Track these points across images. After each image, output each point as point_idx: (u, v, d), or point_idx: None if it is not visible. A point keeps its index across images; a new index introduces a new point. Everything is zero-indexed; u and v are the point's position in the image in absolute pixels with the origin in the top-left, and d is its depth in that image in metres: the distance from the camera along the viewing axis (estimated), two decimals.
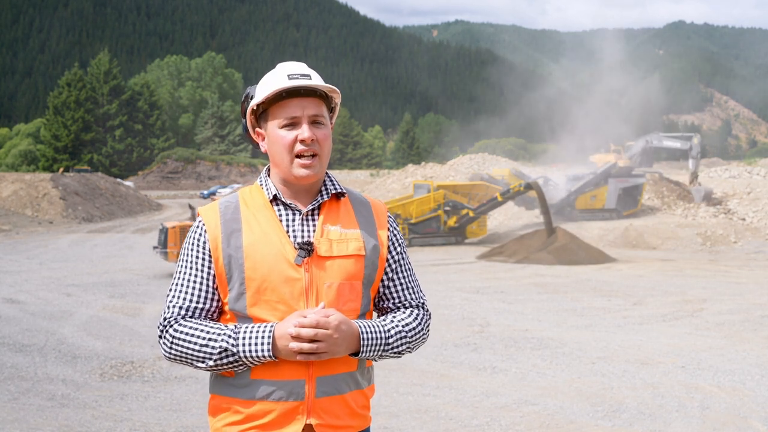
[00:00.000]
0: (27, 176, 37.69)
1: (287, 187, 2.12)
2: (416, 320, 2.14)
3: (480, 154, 40.06)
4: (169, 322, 2.03)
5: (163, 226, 15.96)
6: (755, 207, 26.32)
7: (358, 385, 2.09)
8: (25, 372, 7.58)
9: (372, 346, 2.02)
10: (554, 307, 11.69)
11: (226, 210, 2.10)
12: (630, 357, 8.22)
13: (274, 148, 2.09)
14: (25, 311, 11.20)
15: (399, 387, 6.97)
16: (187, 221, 17.10)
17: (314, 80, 2.08)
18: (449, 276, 15.90)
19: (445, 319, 10.58)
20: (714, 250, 22.31)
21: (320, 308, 1.97)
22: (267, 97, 2.05)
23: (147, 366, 7.80)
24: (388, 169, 67.23)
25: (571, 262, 17.85)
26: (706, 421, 6.01)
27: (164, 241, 15.71)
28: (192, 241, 2.09)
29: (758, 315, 10.98)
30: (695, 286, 14.26)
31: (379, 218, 2.17)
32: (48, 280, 14.72)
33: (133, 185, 49.42)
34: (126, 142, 73.36)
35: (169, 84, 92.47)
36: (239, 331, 1.97)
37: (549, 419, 6.04)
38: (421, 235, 23.49)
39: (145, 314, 10.98)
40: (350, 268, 2.06)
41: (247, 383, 2.00)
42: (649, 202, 28.43)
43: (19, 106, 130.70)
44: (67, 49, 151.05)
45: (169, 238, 15.68)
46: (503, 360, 8.13)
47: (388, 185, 35.44)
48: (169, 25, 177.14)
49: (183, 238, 15.50)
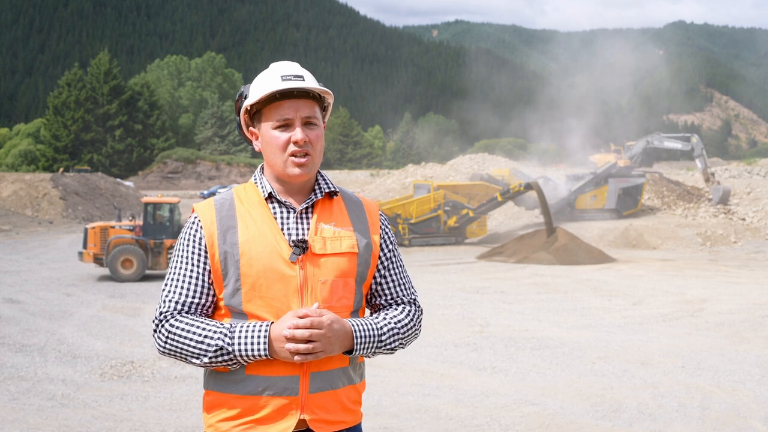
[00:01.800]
0: (27, 176, 37.69)
1: (281, 185, 2.15)
2: (408, 317, 2.18)
3: (480, 154, 40.02)
4: (165, 316, 2.05)
5: (86, 226, 15.87)
6: (755, 207, 26.32)
7: (351, 381, 2.13)
8: (25, 372, 7.58)
9: (365, 343, 2.05)
10: (554, 307, 11.69)
11: (221, 207, 2.12)
12: (630, 357, 8.22)
13: (267, 148, 2.12)
14: (25, 311, 11.19)
15: (399, 387, 6.97)
16: (112, 221, 16.97)
17: (307, 81, 2.10)
18: (449, 276, 15.89)
19: (445, 319, 10.57)
20: (714, 250, 22.31)
21: (314, 308, 2.00)
22: (260, 99, 2.08)
23: (147, 366, 7.79)
24: (388, 169, 67.21)
25: (571, 262, 17.85)
26: (706, 421, 6.01)
27: (84, 241, 15.54)
28: (188, 237, 2.11)
29: (758, 315, 10.97)
30: (695, 286, 14.26)
31: (371, 217, 2.21)
32: (48, 280, 14.72)
33: (133, 185, 49.40)
34: (126, 142, 73.34)
35: (169, 84, 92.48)
36: (235, 329, 1.99)
37: (549, 419, 6.03)
38: (421, 235, 23.49)
39: (145, 314, 10.98)
40: (344, 266, 2.09)
41: (241, 379, 2.03)
42: (649, 202, 28.43)
43: (19, 106, 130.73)
44: (67, 49, 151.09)
45: (89, 238, 15.48)
46: (503, 360, 8.12)
47: (388, 185, 35.43)
48: (169, 25, 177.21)
49: (103, 239, 15.33)
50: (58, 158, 70.03)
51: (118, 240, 15.08)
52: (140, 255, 14.90)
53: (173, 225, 15.50)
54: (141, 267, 14.89)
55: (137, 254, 14.89)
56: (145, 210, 15.50)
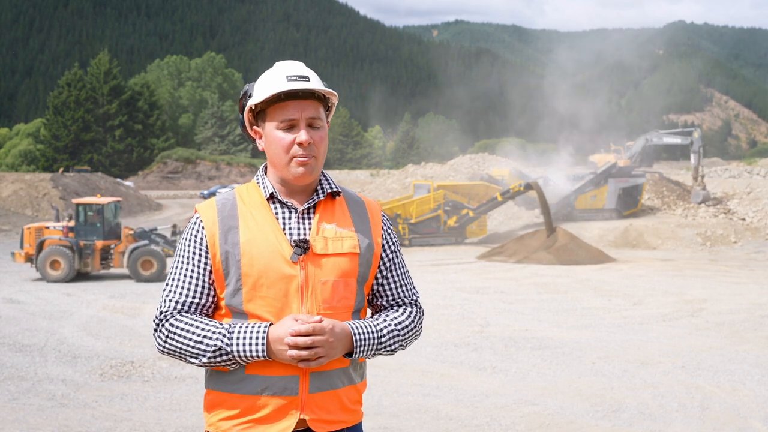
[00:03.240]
0: (27, 176, 37.71)
1: (284, 186, 2.15)
2: (409, 318, 2.18)
3: (480, 154, 39.99)
4: (165, 316, 2.06)
5: (24, 227, 15.82)
6: (755, 207, 26.31)
7: (351, 381, 2.13)
8: (25, 372, 7.58)
9: (365, 345, 2.06)
10: (554, 307, 11.69)
11: (223, 207, 2.12)
12: (630, 357, 8.22)
13: (271, 149, 2.11)
14: (25, 311, 11.20)
15: (399, 387, 6.97)
16: (48, 221, 16.96)
17: (312, 82, 2.09)
18: (449, 276, 15.89)
19: (445, 319, 10.57)
20: (714, 250, 22.31)
21: (315, 318, 1.99)
22: (265, 99, 2.07)
23: (147, 366, 7.79)
24: (388, 169, 67.16)
25: (571, 262, 17.85)
26: (706, 421, 6.01)
27: (21, 241, 15.52)
28: (189, 237, 2.12)
29: (758, 315, 10.97)
30: (695, 286, 14.26)
31: (373, 217, 2.21)
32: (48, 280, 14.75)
33: (133, 185, 49.39)
34: (126, 142, 73.25)
35: (169, 84, 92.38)
36: (234, 330, 1.99)
37: (549, 419, 6.03)
38: (421, 235, 23.49)
39: (145, 314, 10.98)
40: (345, 266, 2.09)
41: (241, 378, 2.04)
42: (649, 202, 28.42)
43: (19, 106, 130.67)
44: (67, 49, 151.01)
45: (25, 238, 15.44)
46: (503, 360, 8.12)
47: (388, 185, 35.42)
48: (169, 25, 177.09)
49: (38, 240, 15.27)
50: (58, 158, 69.96)
51: (49, 241, 15.09)
52: (68, 256, 14.81)
53: (104, 226, 15.41)
54: (68, 268, 14.80)
55: (65, 255, 14.79)
56: (77, 211, 15.51)
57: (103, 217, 15.41)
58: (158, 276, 14.92)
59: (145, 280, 14.84)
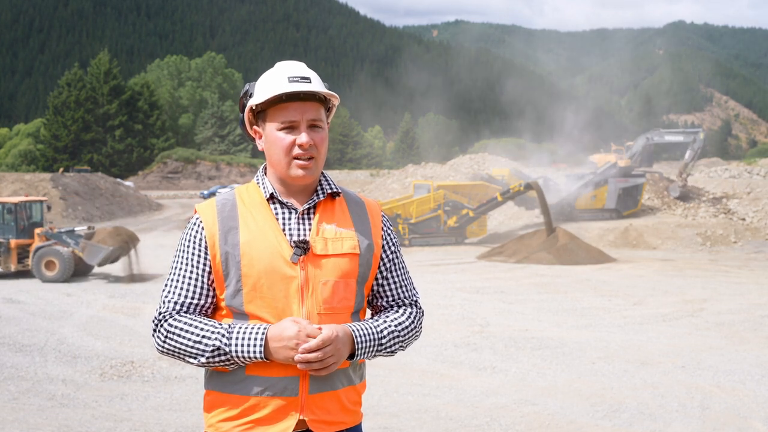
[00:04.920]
0: (27, 176, 37.70)
1: (284, 187, 2.14)
2: (409, 318, 2.19)
3: (480, 154, 39.97)
4: (164, 316, 2.07)
5: None
6: (755, 207, 26.31)
7: (351, 382, 2.13)
8: (25, 372, 7.58)
9: (366, 347, 2.06)
10: (554, 307, 11.69)
11: (223, 207, 2.12)
12: (630, 357, 8.22)
13: (271, 149, 2.11)
14: (25, 311, 11.20)
15: (399, 387, 6.97)
16: None
17: (314, 84, 2.09)
18: (449, 276, 15.89)
19: (445, 319, 10.57)
20: (714, 250, 22.31)
21: (314, 327, 1.98)
22: (266, 100, 2.07)
23: (147, 366, 7.79)
24: (388, 169, 67.13)
25: (571, 262, 17.85)
26: (706, 421, 6.01)
27: None
28: (189, 238, 2.11)
29: (758, 315, 10.97)
30: (695, 286, 14.26)
31: (373, 218, 2.21)
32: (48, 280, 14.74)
33: (133, 185, 49.38)
34: (126, 142, 73.25)
35: (169, 84, 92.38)
36: (233, 330, 2.00)
37: (549, 419, 6.03)
38: (421, 235, 23.49)
39: (145, 314, 10.98)
40: (345, 267, 2.09)
41: (241, 379, 2.04)
42: (649, 202, 28.42)
43: (19, 106, 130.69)
44: (67, 49, 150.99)
45: None
46: (503, 360, 8.12)
47: (388, 185, 35.41)
48: (169, 25, 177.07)
49: None
50: (58, 158, 69.96)
51: None
52: None
53: (17, 224, 15.52)
54: None
55: None
56: None
57: (16, 216, 15.54)
58: (61, 276, 14.68)
59: (49, 281, 14.72)
